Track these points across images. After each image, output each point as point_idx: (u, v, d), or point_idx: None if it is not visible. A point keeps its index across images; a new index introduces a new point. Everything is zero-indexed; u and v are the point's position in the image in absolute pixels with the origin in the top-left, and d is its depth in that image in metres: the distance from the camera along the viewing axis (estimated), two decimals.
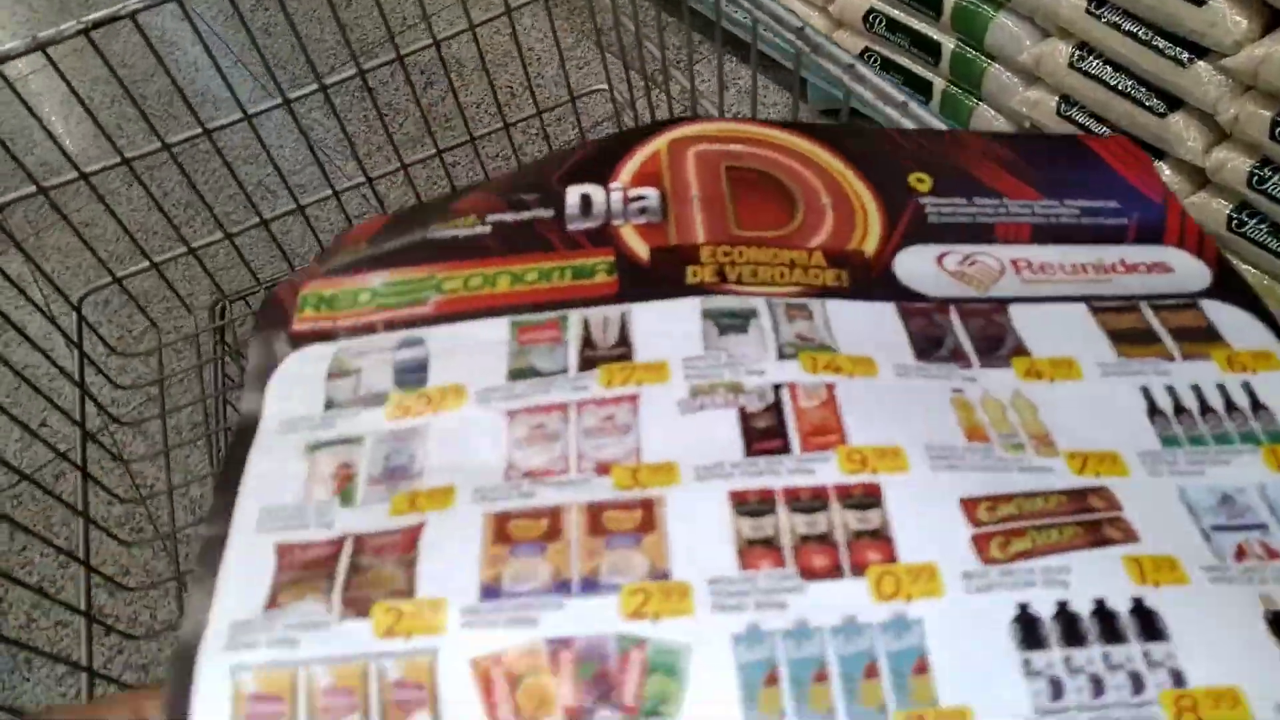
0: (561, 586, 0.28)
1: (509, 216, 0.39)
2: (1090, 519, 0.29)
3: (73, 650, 1.05)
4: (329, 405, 0.33)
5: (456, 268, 0.37)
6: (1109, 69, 0.54)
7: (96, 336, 0.55)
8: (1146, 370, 0.33)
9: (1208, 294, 0.36)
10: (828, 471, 0.30)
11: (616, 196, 0.39)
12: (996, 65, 1.28)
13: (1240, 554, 0.28)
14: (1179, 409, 0.32)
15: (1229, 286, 0.37)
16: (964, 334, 0.35)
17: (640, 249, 0.37)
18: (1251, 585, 0.27)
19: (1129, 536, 0.28)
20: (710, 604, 0.27)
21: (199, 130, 0.57)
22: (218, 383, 0.58)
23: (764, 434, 0.31)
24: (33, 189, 0.53)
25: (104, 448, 0.52)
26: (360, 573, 0.28)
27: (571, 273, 0.36)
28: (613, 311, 0.35)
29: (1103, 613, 0.27)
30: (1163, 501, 0.30)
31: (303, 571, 0.29)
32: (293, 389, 0.34)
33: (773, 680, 0.26)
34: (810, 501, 0.29)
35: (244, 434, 0.33)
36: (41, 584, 0.96)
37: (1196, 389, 0.33)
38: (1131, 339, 0.35)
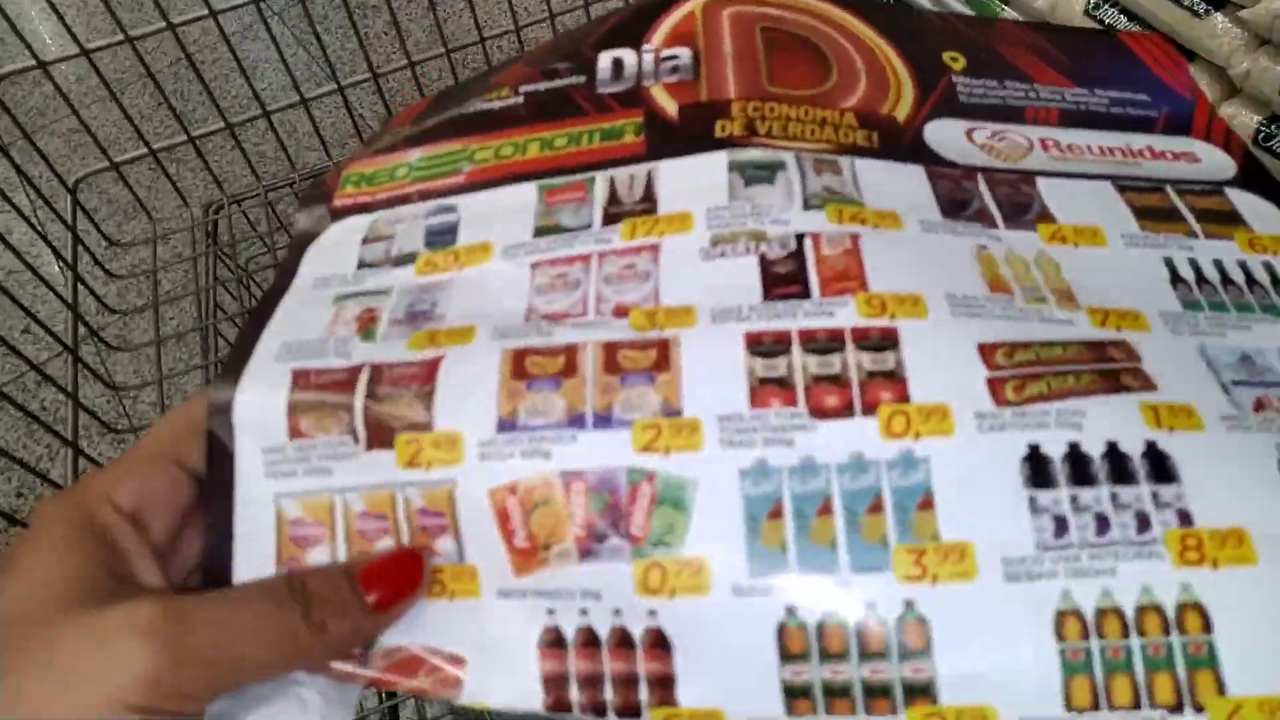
0: (576, 420, 0.28)
1: (542, 86, 0.39)
2: (1109, 368, 0.28)
3: None
4: (361, 264, 0.34)
5: (489, 138, 0.37)
6: (1123, 18, 0.51)
7: (90, 222, 0.56)
8: (1170, 244, 0.33)
9: (1232, 183, 0.36)
10: (846, 314, 0.29)
11: (648, 57, 0.39)
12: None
13: (1259, 406, 0.27)
14: (1201, 279, 0.32)
15: (1254, 178, 0.36)
16: (990, 199, 0.34)
17: (670, 106, 0.37)
18: (1269, 433, 0.27)
19: (1146, 385, 0.28)
20: (719, 439, 0.28)
21: (205, 12, 0.56)
22: (210, 275, 0.58)
23: (784, 279, 0.30)
24: (32, 63, 0.53)
25: (94, 333, 0.52)
26: (379, 401, 0.29)
27: (600, 135, 0.36)
28: (639, 170, 0.34)
29: (1114, 454, 0.26)
30: (1183, 356, 0.29)
31: (318, 394, 0.30)
32: (329, 253, 0.35)
33: (776, 514, 0.27)
34: (826, 342, 0.29)
35: (278, 289, 0.34)
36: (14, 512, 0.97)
37: (1218, 264, 0.32)
38: (1156, 216, 0.34)
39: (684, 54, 0.39)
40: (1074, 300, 0.30)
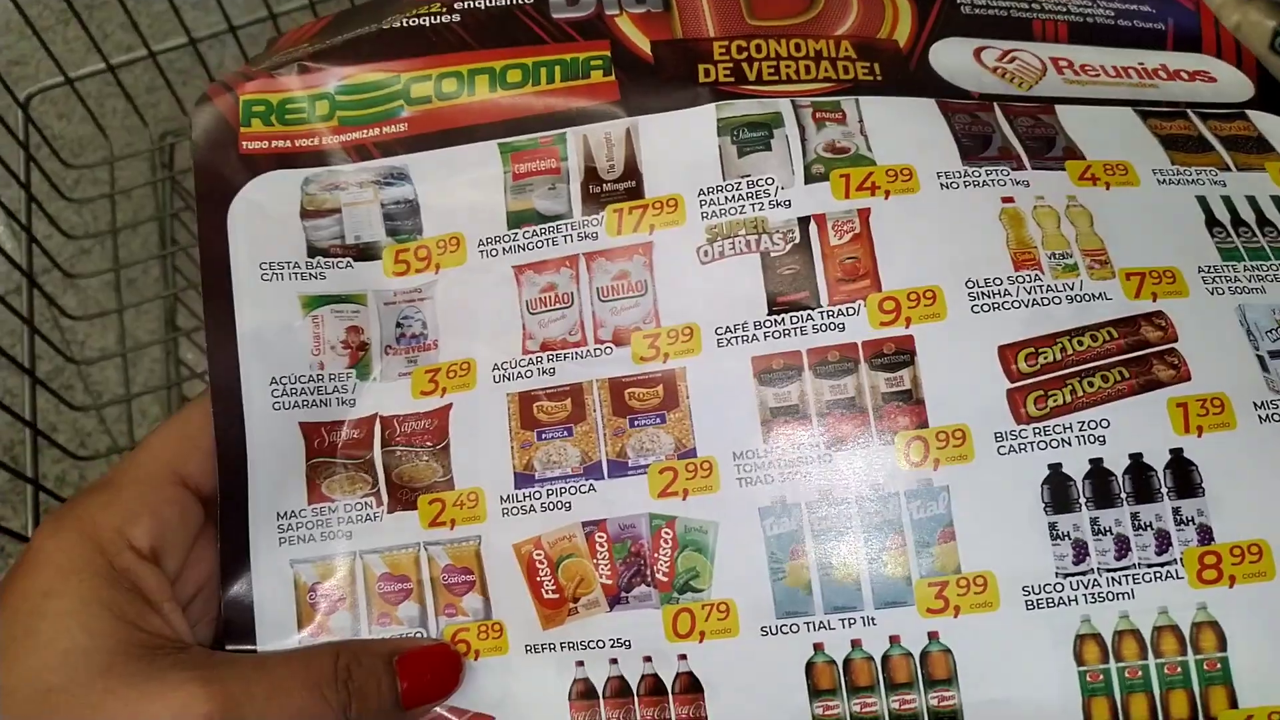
0: (592, 470, 0.28)
1: (481, 2, 0.33)
2: (1141, 355, 0.27)
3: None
4: (313, 250, 0.31)
5: (423, 64, 0.32)
6: None
7: (43, 139, 0.52)
8: (1202, 180, 0.30)
9: (1253, 104, 0.33)
10: (857, 325, 0.28)
11: None
12: None
13: None
14: (1237, 221, 0.29)
15: (1273, 98, 0.33)
16: (1011, 133, 0.31)
17: (641, 42, 0.32)
18: None
19: (1180, 375, 0.27)
20: (736, 478, 0.28)
21: None
22: (167, 204, 0.55)
23: (789, 284, 0.28)
24: None
25: (49, 257, 0.49)
26: (398, 463, 0.29)
27: (561, 70, 0.32)
28: (616, 128, 0.31)
29: (1138, 468, 0.26)
30: (1221, 323, 0.27)
31: (340, 459, 0.29)
32: (259, 225, 0.31)
33: (799, 553, 0.27)
34: (838, 364, 0.28)
35: (215, 273, 0.30)
36: None
37: (1252, 201, 0.30)
38: (1184, 146, 0.31)
39: None
40: (1108, 264, 0.28)
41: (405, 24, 0.32)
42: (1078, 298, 0.28)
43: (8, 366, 0.39)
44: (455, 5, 0.33)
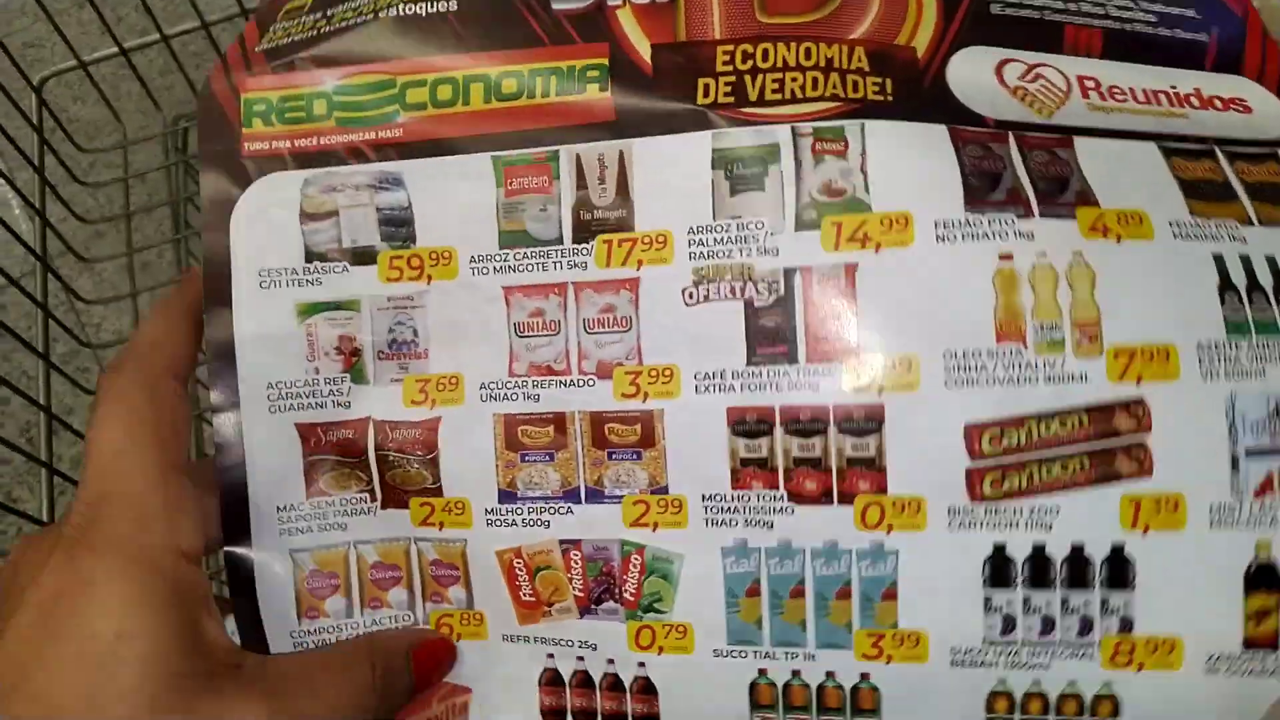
0: (570, 494, 0.30)
1: None
2: (1106, 446, 0.28)
3: (12, 488, 0.94)
4: (310, 256, 0.31)
5: (419, 67, 0.31)
6: None
7: (57, 123, 0.49)
8: (1221, 235, 0.28)
9: None
10: (831, 386, 0.28)
11: None
12: None
13: (1263, 488, 0.27)
14: (1253, 285, 0.28)
15: None
16: (1024, 171, 0.29)
17: (641, 45, 0.30)
18: (1253, 530, 0.27)
19: (1141, 470, 0.27)
20: (703, 518, 0.30)
21: None
22: (180, 188, 0.51)
23: (769, 336, 0.29)
24: None
25: (63, 241, 0.47)
26: (390, 467, 0.31)
27: (557, 82, 0.30)
28: (609, 149, 0.30)
29: (1077, 558, 0.28)
30: (1204, 414, 0.27)
31: (335, 456, 0.31)
32: (261, 230, 0.31)
33: (754, 592, 0.29)
34: (808, 424, 0.29)
35: (216, 280, 0.31)
36: None
37: (1271, 261, 0.28)
38: (1207, 194, 0.29)
39: None
40: (1098, 339, 0.28)
41: (401, 12, 0.31)
42: (1057, 378, 0.28)
43: (23, 350, 0.40)
44: None
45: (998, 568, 0.28)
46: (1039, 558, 0.28)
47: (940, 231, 0.28)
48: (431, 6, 0.31)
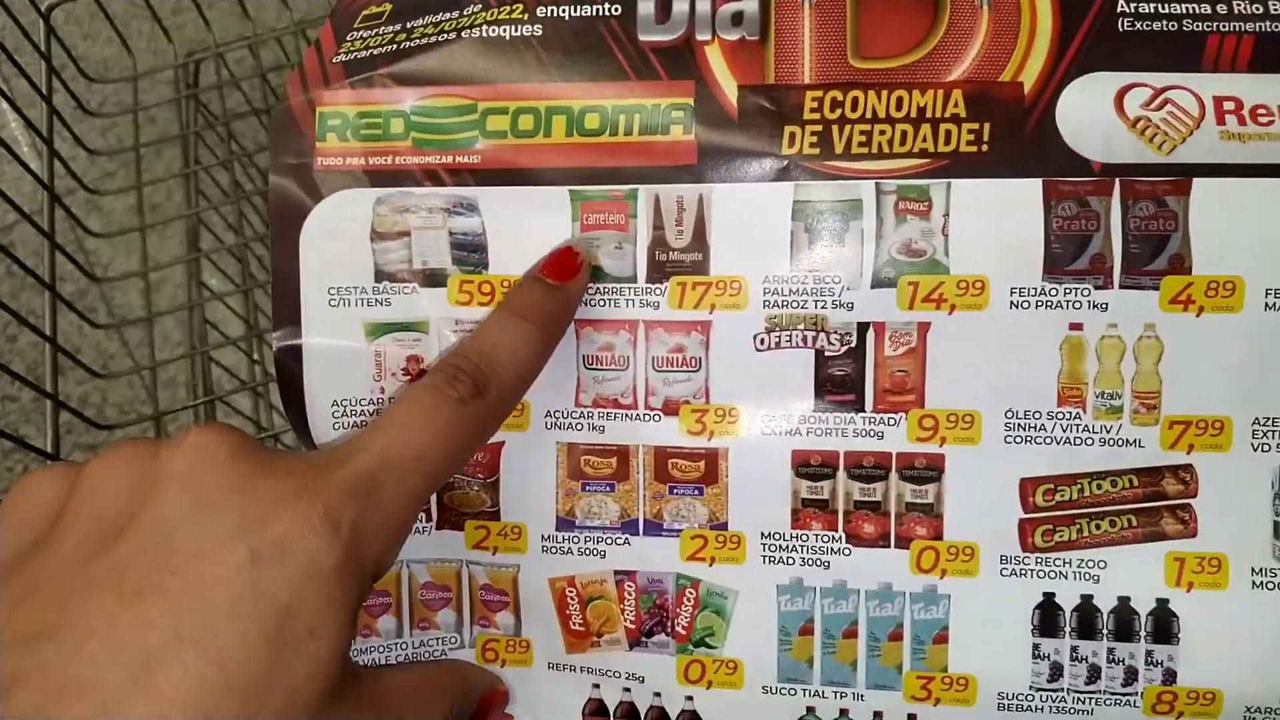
0: (629, 525, 0.31)
1: (566, 9, 0.31)
2: (1154, 506, 0.29)
3: (19, 425, 0.95)
4: (380, 275, 0.31)
5: (501, 94, 0.31)
6: None
7: (65, 53, 0.48)
8: None
9: None
10: (895, 436, 0.29)
11: None
12: None
13: None
14: None
15: None
16: (1119, 228, 0.29)
17: (728, 86, 0.30)
18: None
19: (1187, 531, 0.29)
20: (761, 555, 0.30)
21: None
22: (190, 123, 0.52)
23: (838, 384, 0.30)
24: None
25: (71, 173, 0.47)
26: (450, 488, 0.31)
27: (641, 121, 0.30)
28: (689, 193, 0.30)
29: (1123, 610, 0.29)
30: (1250, 483, 0.28)
31: None
32: (331, 248, 0.31)
33: (808, 630, 0.30)
34: (871, 469, 0.29)
35: (286, 293, 0.31)
36: None
37: None
38: None
39: None
40: (1156, 409, 0.29)
41: (485, 34, 0.31)
42: (1112, 441, 0.29)
43: (32, 286, 0.39)
44: (539, 12, 0.31)
45: (1047, 615, 0.29)
46: (1087, 608, 0.29)
47: (1015, 299, 0.29)
48: (516, 30, 0.31)
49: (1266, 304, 0.28)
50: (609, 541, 0.31)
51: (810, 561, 0.30)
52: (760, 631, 0.30)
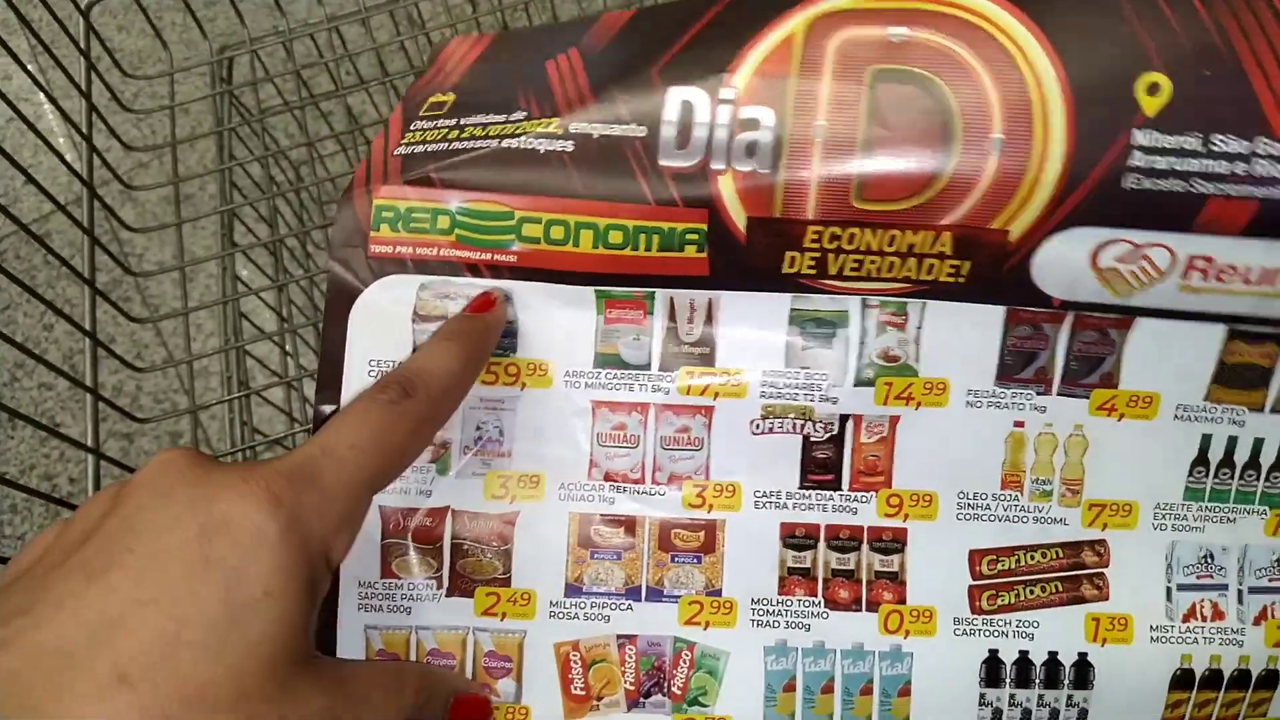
0: (632, 592, 0.33)
1: (595, 129, 0.34)
2: (1075, 574, 0.34)
3: (56, 413, 0.98)
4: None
5: (536, 204, 0.34)
6: None
7: (104, 50, 0.49)
8: (1222, 419, 0.34)
9: None
10: (867, 512, 0.34)
11: (723, 118, 0.32)
12: None
13: (1188, 615, 0.35)
14: (1226, 461, 0.35)
15: None
16: (1063, 349, 0.34)
17: (738, 216, 0.33)
18: (1178, 646, 0.34)
19: (1101, 595, 0.34)
20: (750, 620, 0.34)
21: None
22: (225, 119, 0.53)
23: (820, 466, 0.34)
24: None
25: (109, 168, 0.48)
26: (463, 555, 0.33)
27: (660, 241, 0.33)
28: (700, 297, 0.34)
29: (1052, 663, 0.34)
30: (1150, 556, 0.35)
31: (411, 542, 0.33)
32: (377, 326, 0.34)
33: (790, 688, 0.34)
34: (846, 540, 0.34)
35: (330, 365, 0.34)
36: (26, 343, 0.80)
37: (1259, 443, 0.35)
38: (1238, 380, 0.34)
39: (766, 122, 0.32)
40: (1079, 493, 0.35)
41: (523, 145, 0.34)
42: (1043, 519, 0.35)
43: (68, 276, 0.39)
44: (570, 129, 0.33)
45: (991, 669, 0.34)
46: (1024, 662, 0.34)
47: (970, 399, 0.34)
48: (550, 144, 0.34)
49: (1176, 414, 0.35)
50: (613, 607, 0.33)
51: (793, 624, 0.34)
52: (748, 690, 0.34)
